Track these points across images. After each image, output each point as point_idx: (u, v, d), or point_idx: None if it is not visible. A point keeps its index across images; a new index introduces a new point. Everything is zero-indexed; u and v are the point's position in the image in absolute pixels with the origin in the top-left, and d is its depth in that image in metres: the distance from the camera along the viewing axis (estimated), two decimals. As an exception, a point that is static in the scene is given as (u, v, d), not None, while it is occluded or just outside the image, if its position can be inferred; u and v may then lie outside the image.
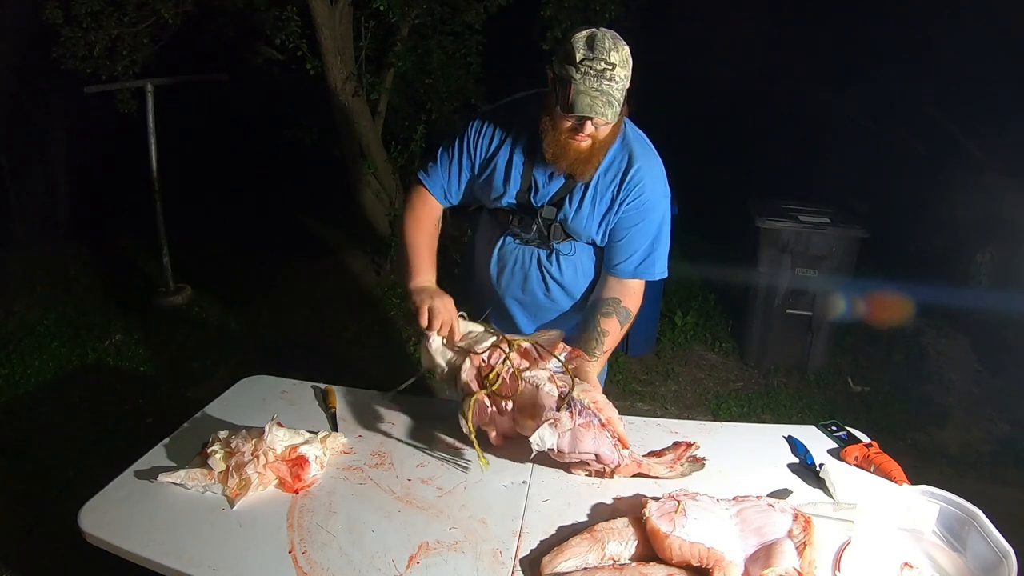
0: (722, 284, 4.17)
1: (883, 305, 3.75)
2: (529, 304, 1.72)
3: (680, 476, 1.40)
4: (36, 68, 4.23)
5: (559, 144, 1.45)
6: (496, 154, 1.57)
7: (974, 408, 3.32)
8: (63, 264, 4.55)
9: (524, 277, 1.67)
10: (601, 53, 1.34)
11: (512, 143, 1.56)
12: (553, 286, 1.66)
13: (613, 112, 1.37)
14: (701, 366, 3.67)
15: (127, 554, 1.16)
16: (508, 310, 1.74)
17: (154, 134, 3.83)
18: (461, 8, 4.04)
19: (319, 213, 5.28)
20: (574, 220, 1.56)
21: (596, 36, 1.36)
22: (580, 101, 1.34)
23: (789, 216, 3.39)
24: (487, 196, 1.63)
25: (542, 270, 1.65)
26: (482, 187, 1.63)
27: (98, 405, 3.08)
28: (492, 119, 1.60)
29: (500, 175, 1.57)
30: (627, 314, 1.58)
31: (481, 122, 1.60)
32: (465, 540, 1.19)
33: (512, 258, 1.66)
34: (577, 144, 1.44)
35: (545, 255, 1.63)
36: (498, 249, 1.67)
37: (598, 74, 1.34)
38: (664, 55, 6.14)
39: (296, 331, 3.84)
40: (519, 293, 1.70)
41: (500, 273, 1.69)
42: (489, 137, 1.59)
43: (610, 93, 1.35)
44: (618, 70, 1.36)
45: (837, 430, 1.58)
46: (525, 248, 1.65)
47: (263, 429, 1.34)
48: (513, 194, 1.58)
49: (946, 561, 1.18)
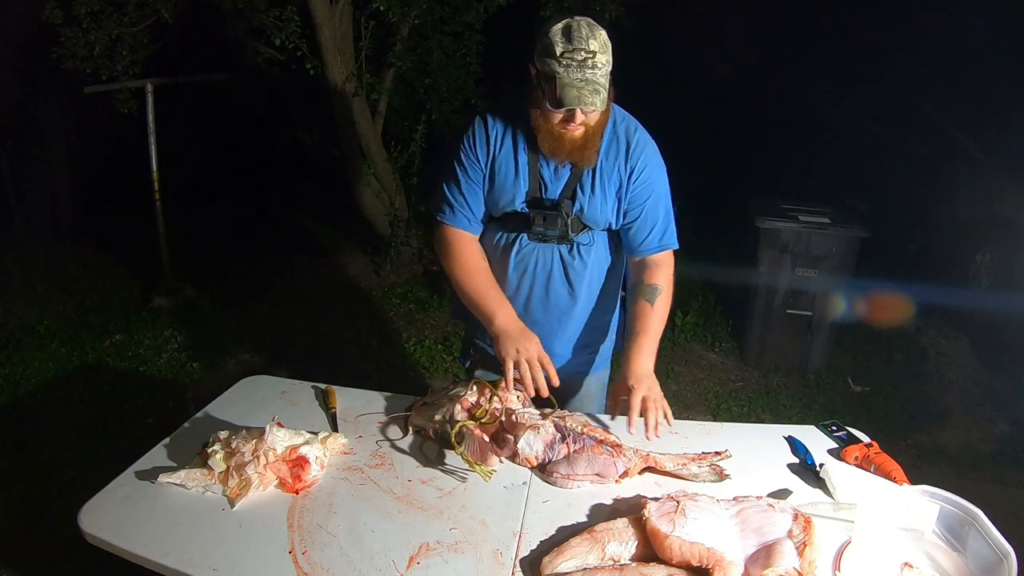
0: (722, 284, 4.17)
1: (883, 305, 3.75)
2: (552, 307, 1.67)
3: (692, 477, 1.39)
4: (36, 68, 4.23)
5: (553, 136, 1.46)
6: (500, 158, 1.56)
7: (974, 408, 3.32)
8: (63, 264, 4.55)
9: (547, 277, 1.62)
10: (580, 43, 1.34)
11: (514, 144, 1.55)
12: (576, 281, 1.63)
13: (601, 99, 1.37)
14: (701, 366, 3.67)
15: (127, 554, 1.16)
16: (531, 314, 1.67)
17: (154, 134, 3.83)
18: (461, 8, 4.04)
19: (319, 213, 5.29)
20: (590, 208, 1.56)
21: (572, 26, 1.36)
22: (567, 94, 1.35)
23: (789, 216, 3.39)
24: (496, 203, 1.59)
25: (565, 266, 1.62)
26: (493, 195, 1.59)
27: (98, 405, 3.08)
28: (487, 125, 1.57)
29: (508, 179, 1.56)
30: (657, 291, 1.59)
31: (478, 130, 1.57)
32: (465, 540, 1.19)
33: (533, 259, 1.61)
34: (571, 134, 1.45)
35: (566, 250, 1.60)
36: (515, 253, 1.62)
37: (580, 64, 1.34)
38: (664, 55, 6.16)
39: (296, 331, 3.84)
40: (542, 295, 1.65)
41: (522, 277, 1.64)
42: (491, 142, 1.56)
43: (595, 81, 1.36)
44: (599, 57, 1.36)
45: (837, 430, 1.58)
46: (545, 247, 1.60)
47: (263, 429, 1.34)
48: (524, 194, 1.56)
49: (946, 561, 1.18)
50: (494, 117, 1.57)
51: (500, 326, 1.56)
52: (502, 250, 1.64)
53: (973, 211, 4.17)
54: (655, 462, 1.39)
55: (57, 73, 3.64)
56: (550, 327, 1.68)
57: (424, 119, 4.24)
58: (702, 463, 1.40)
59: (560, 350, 1.71)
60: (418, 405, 1.56)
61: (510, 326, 1.56)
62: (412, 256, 4.52)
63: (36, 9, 3.41)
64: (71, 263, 4.57)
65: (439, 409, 1.49)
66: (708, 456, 1.42)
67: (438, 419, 1.48)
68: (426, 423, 1.50)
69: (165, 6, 3.52)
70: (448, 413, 1.47)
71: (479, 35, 4.19)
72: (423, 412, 1.53)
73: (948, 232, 4.35)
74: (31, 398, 3.14)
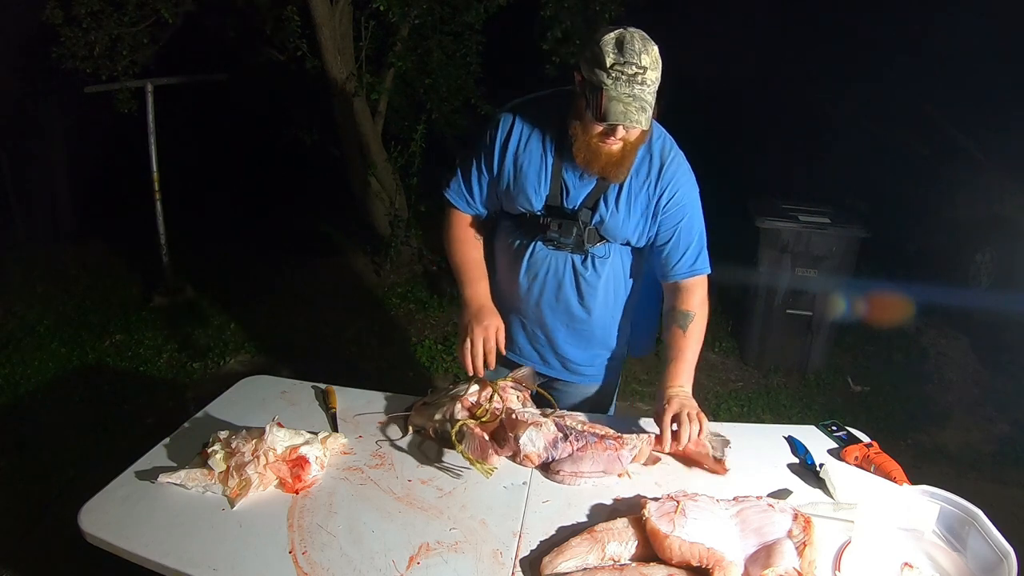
0: (722, 284, 4.15)
1: (883, 305, 3.75)
2: (561, 314, 1.65)
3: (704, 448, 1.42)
4: (36, 68, 4.23)
5: (590, 148, 1.41)
6: (522, 157, 1.53)
7: (974, 408, 3.32)
8: (63, 264, 4.55)
9: (558, 285, 1.60)
10: (632, 56, 1.29)
11: (540, 145, 1.52)
12: (587, 292, 1.60)
13: (647, 118, 1.33)
14: (701, 366, 3.62)
15: (127, 554, 1.16)
16: (541, 318, 1.67)
17: (154, 134, 3.83)
18: (461, 8, 4.04)
19: (318, 213, 5.29)
20: (610, 222, 1.52)
21: (625, 38, 1.31)
22: (613, 108, 1.30)
23: (789, 216, 3.39)
24: (513, 201, 1.56)
25: (576, 276, 1.59)
26: (509, 192, 1.56)
27: (98, 405, 3.08)
28: (515, 120, 1.54)
29: (529, 178, 1.52)
30: (688, 317, 1.55)
31: (504, 123, 1.54)
32: (465, 540, 1.19)
33: (544, 265, 1.59)
34: (608, 148, 1.40)
35: (580, 260, 1.57)
36: (528, 257, 1.59)
37: (630, 79, 1.29)
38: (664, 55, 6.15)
39: (296, 331, 3.84)
40: (552, 301, 1.63)
41: (532, 282, 1.62)
42: (515, 138, 1.53)
43: (642, 98, 1.31)
44: (649, 73, 1.31)
45: (837, 430, 1.58)
46: (558, 254, 1.57)
47: (263, 429, 1.34)
48: (543, 197, 1.53)
49: (946, 561, 1.18)
50: (524, 114, 1.54)
51: (467, 297, 1.60)
52: (516, 252, 1.62)
53: (973, 211, 4.17)
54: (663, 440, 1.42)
55: (57, 73, 3.64)
56: (557, 331, 1.68)
57: (424, 119, 4.23)
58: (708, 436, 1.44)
59: (569, 354, 1.71)
60: (418, 405, 1.56)
61: (474, 300, 1.59)
62: (412, 256, 4.52)
63: (36, 9, 3.41)
64: (71, 263, 4.57)
65: (439, 408, 1.49)
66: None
67: (438, 418, 1.48)
68: (426, 423, 1.50)
69: (165, 6, 3.53)
70: (448, 412, 1.47)
71: (479, 35, 4.19)
72: (423, 412, 1.53)
73: (948, 232, 4.35)
74: (31, 398, 3.13)
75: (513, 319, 1.69)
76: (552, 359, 1.73)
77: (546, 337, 1.70)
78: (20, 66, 4.41)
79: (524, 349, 1.74)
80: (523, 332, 1.71)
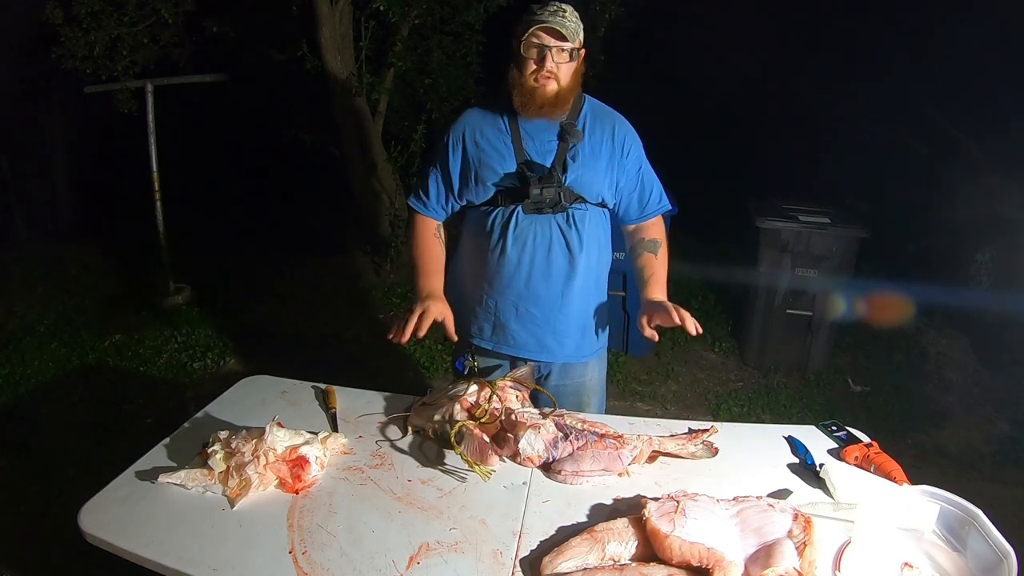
0: (722, 284, 4.17)
1: (883, 305, 3.75)
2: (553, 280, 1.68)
3: (691, 457, 1.46)
4: (36, 68, 4.24)
5: (525, 89, 1.56)
6: (481, 140, 1.65)
7: (974, 408, 3.32)
8: (63, 264, 4.55)
9: (548, 248, 1.65)
10: (551, 4, 1.55)
11: (496, 123, 1.65)
12: (575, 248, 1.66)
13: (569, 32, 1.51)
14: (701, 366, 3.67)
15: (127, 554, 1.16)
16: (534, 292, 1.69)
17: (154, 134, 3.83)
18: (461, 8, 4.04)
19: (319, 213, 5.29)
20: (584, 177, 1.64)
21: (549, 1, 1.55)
22: (537, 20, 1.51)
23: (789, 216, 3.39)
24: (485, 181, 1.64)
25: (564, 235, 1.65)
26: (478, 175, 1.64)
27: (98, 405, 3.08)
28: (467, 116, 1.69)
29: (494, 157, 1.63)
30: (657, 243, 1.76)
31: (457, 123, 1.70)
32: (465, 540, 1.19)
33: (531, 232, 1.65)
34: (543, 89, 1.55)
35: (563, 219, 1.65)
36: (513, 229, 1.64)
37: (552, 12, 1.53)
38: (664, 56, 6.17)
39: (296, 331, 3.84)
40: (544, 267, 1.67)
41: (522, 253, 1.66)
42: (470, 129, 1.66)
43: (563, 21, 1.51)
44: (569, 14, 1.53)
45: (837, 430, 1.58)
46: (541, 218, 1.64)
47: (263, 429, 1.34)
48: (514, 167, 1.63)
49: (946, 561, 1.17)
50: (476, 110, 1.70)
51: (419, 287, 1.70)
52: (500, 228, 1.66)
53: (973, 211, 4.17)
54: (660, 444, 1.44)
55: (57, 73, 3.65)
56: (551, 302, 1.70)
57: (424, 119, 4.23)
58: (696, 441, 1.48)
59: (562, 326, 1.72)
60: (417, 405, 1.56)
61: (424, 288, 1.68)
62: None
63: (36, 9, 3.41)
64: (71, 263, 4.58)
65: (439, 409, 1.49)
66: (699, 434, 1.50)
67: (438, 419, 1.48)
68: (426, 423, 1.50)
69: (165, 6, 3.53)
70: (448, 413, 1.47)
71: (479, 35, 4.20)
72: (423, 412, 1.53)
73: (948, 232, 4.34)
74: (31, 398, 3.14)
75: (506, 308, 1.71)
76: (549, 340, 1.73)
77: (541, 314, 1.71)
78: (20, 66, 4.42)
79: (519, 337, 1.73)
80: (516, 317, 1.71)
